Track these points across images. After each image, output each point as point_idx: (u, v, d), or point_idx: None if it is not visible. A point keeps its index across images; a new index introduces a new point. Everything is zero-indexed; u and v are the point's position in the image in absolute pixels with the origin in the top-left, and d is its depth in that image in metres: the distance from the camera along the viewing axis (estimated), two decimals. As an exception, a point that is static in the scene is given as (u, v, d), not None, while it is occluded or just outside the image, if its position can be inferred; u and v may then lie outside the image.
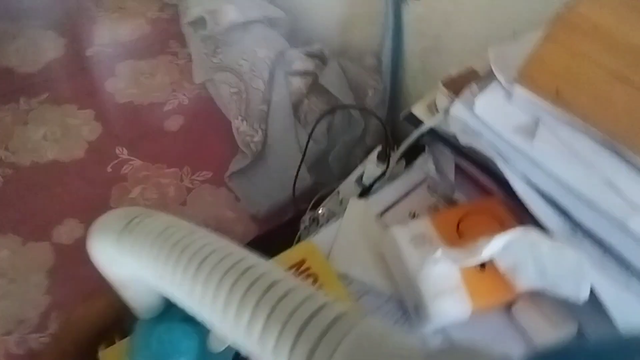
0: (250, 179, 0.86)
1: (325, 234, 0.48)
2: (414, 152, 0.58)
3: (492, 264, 0.37)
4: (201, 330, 0.26)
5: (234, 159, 0.89)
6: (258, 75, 0.89)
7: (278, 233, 0.78)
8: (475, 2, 0.67)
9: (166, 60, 1.12)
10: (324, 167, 0.84)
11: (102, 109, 1.03)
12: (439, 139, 0.49)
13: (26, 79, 1.04)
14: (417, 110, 0.51)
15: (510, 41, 0.43)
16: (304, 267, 0.39)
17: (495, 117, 0.40)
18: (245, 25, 0.92)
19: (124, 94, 1.06)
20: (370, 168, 0.69)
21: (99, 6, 1.22)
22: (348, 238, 0.46)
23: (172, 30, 1.16)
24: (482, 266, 0.37)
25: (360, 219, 0.48)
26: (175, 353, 0.24)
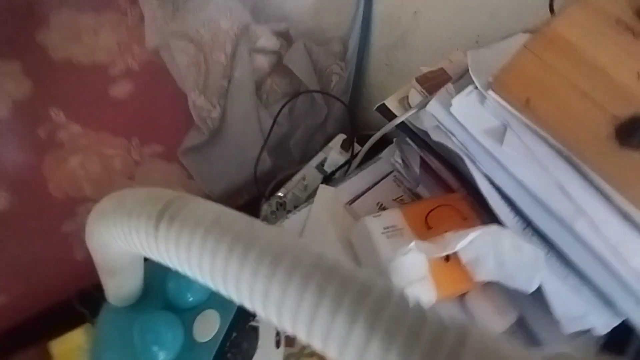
0: (205, 156, 0.83)
1: (294, 220, 0.48)
2: (378, 143, 0.59)
3: (455, 256, 0.40)
4: (185, 319, 0.25)
5: (188, 134, 0.84)
6: (219, 47, 0.84)
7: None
8: (443, 7, 0.69)
9: (113, 17, 1.01)
10: (284, 150, 0.83)
11: (33, 63, 0.91)
12: (408, 134, 0.51)
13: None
14: (390, 103, 0.52)
15: (486, 47, 0.46)
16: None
17: (468, 118, 0.42)
18: (207, -7, 0.87)
19: (60, 49, 0.94)
20: (333, 155, 0.70)
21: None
22: (317, 225, 0.47)
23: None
24: (446, 258, 0.40)
25: (330, 207, 0.49)
26: (159, 343, 0.23)
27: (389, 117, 0.52)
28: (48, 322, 0.53)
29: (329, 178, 0.69)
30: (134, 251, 0.20)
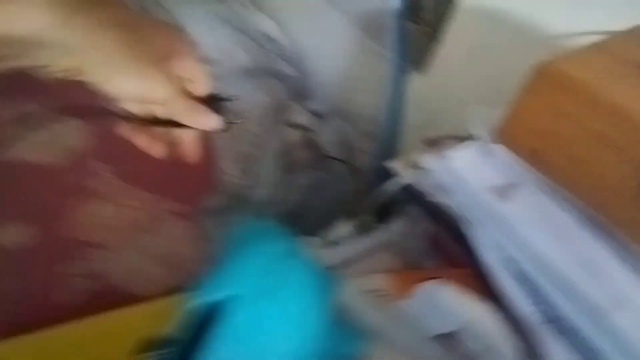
0: (223, 221, 0.82)
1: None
2: (385, 211, 0.53)
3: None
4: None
5: (209, 196, 0.85)
6: (254, 119, 0.89)
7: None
8: (473, 83, 0.67)
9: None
10: (301, 220, 0.79)
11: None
12: (415, 200, 0.45)
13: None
14: (396, 165, 0.48)
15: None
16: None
17: (470, 174, 0.36)
18: (251, 71, 0.95)
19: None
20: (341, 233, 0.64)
21: None
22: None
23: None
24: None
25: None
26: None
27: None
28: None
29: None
30: None
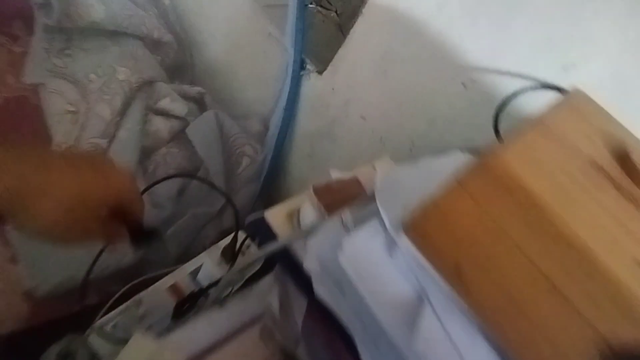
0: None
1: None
2: (264, 268, 0.42)
3: None
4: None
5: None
6: (108, 99, 0.67)
7: (57, 327, 0.53)
8: (378, 102, 0.58)
9: (-1, 43, 0.83)
10: (160, 241, 0.63)
11: None
12: (290, 267, 0.34)
13: None
14: (273, 216, 0.36)
15: (406, 166, 0.32)
16: None
17: (365, 273, 0.26)
18: (114, 34, 0.72)
19: None
20: (208, 265, 0.51)
21: None
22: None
23: (22, 7, 0.89)
24: None
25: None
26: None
27: (268, 236, 0.35)
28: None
29: (198, 296, 0.49)
30: None
